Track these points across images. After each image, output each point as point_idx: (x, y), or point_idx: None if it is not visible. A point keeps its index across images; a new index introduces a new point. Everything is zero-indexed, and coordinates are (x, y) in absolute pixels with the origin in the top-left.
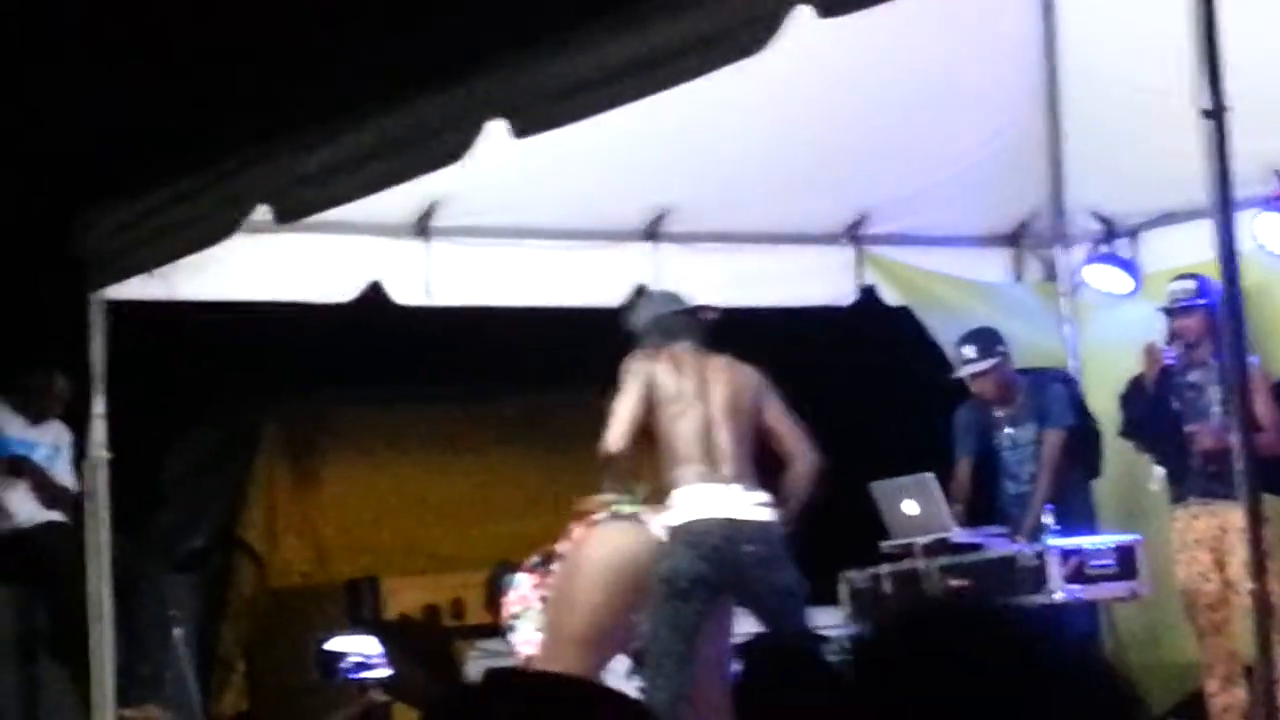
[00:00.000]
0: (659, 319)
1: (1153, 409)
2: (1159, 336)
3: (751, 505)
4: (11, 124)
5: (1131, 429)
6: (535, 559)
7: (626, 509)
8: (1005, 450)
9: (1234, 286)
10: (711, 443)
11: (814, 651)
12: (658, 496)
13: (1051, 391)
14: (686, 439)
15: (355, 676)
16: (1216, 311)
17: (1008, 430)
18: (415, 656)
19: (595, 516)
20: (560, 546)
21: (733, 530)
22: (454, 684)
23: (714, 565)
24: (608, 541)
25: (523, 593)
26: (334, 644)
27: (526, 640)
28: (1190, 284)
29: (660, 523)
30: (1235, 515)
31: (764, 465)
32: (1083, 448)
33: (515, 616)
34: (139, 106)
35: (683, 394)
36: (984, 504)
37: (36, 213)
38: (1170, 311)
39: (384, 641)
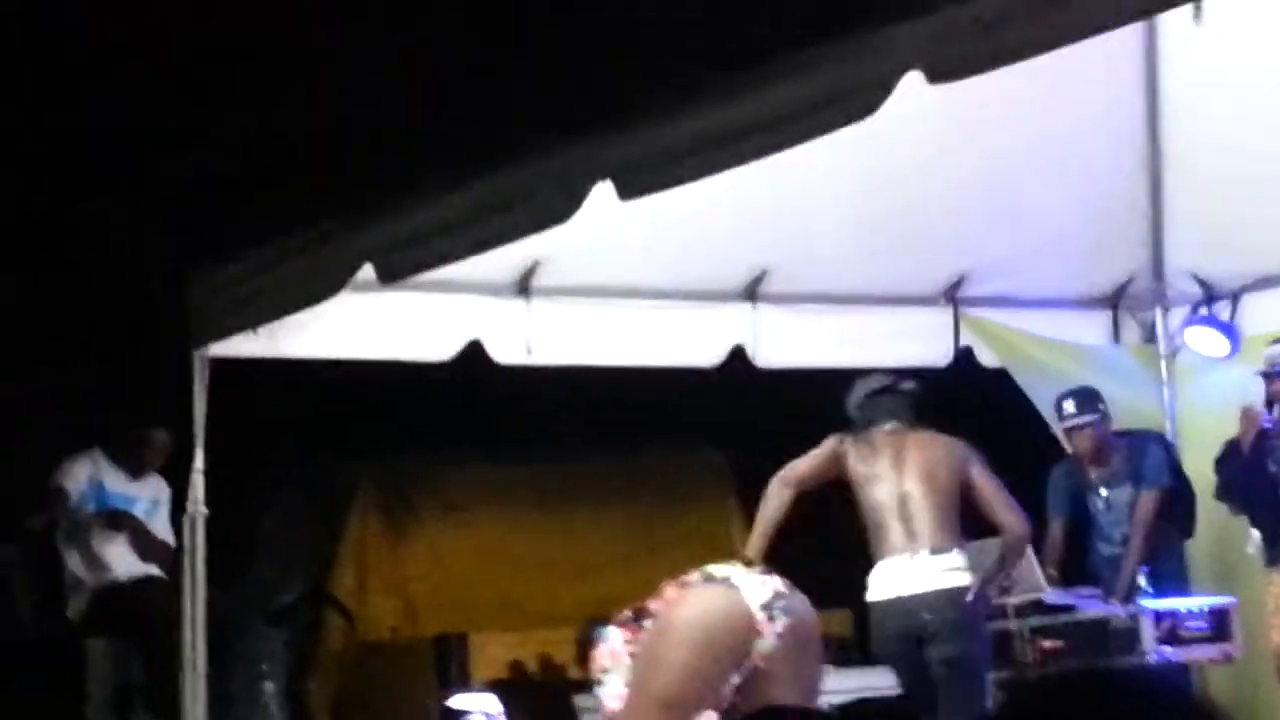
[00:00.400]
0: (858, 402)
1: (1248, 472)
2: (1257, 400)
3: (940, 572)
4: (131, 181)
5: (1226, 492)
6: (627, 614)
7: (720, 572)
8: (1099, 512)
9: None
10: (904, 517)
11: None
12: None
13: (1148, 453)
14: (881, 515)
15: None
16: None
17: (1103, 491)
18: (535, 714)
19: (688, 578)
20: (652, 605)
21: (902, 607)
22: None
23: (896, 644)
24: (699, 602)
25: (614, 647)
26: (456, 701)
27: (615, 695)
28: None
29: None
30: None
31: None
32: (1177, 509)
33: (605, 670)
34: (248, 163)
35: (874, 472)
36: (1076, 565)
37: (148, 267)
38: (1269, 376)
39: (505, 699)
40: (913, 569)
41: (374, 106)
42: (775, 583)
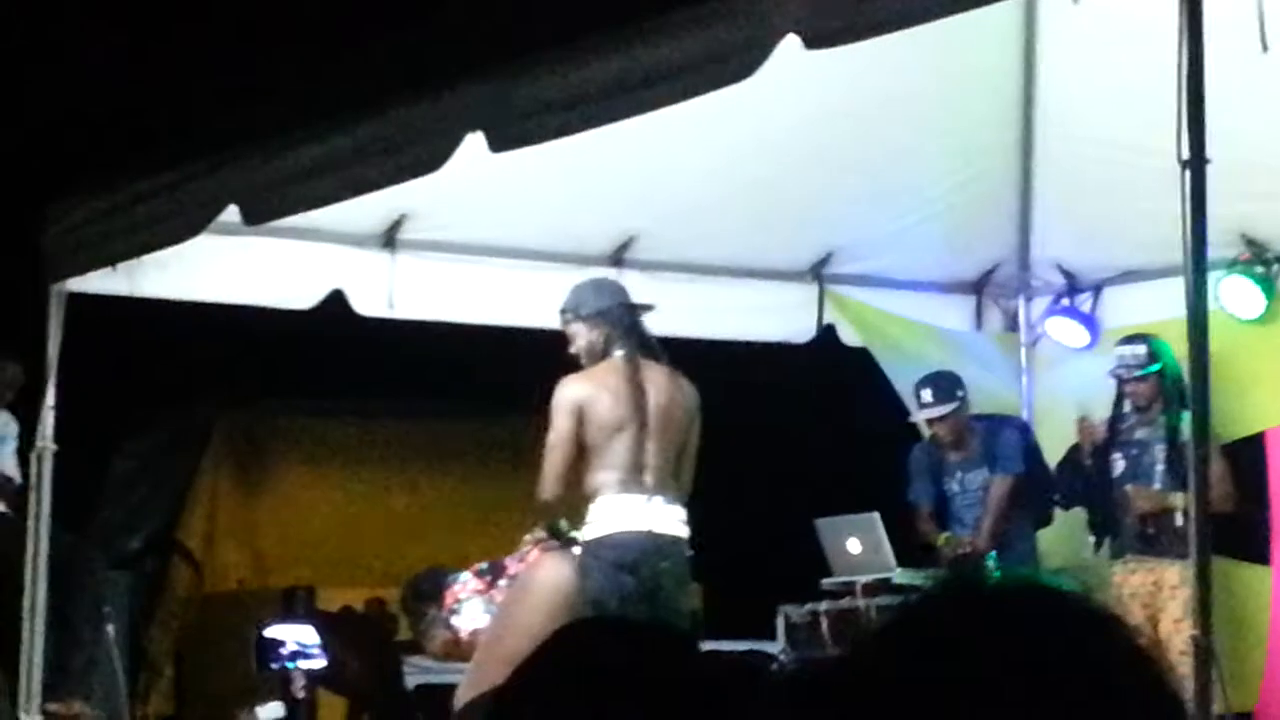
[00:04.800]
0: (608, 312)
1: (1088, 481)
2: (1112, 392)
3: (672, 520)
4: None
5: (1067, 502)
6: (483, 566)
7: (574, 533)
8: (954, 494)
9: (1203, 344)
10: (638, 451)
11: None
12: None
13: (1004, 438)
14: (613, 448)
15: (291, 666)
16: (1168, 373)
17: (958, 474)
18: (355, 647)
19: (551, 543)
20: (513, 566)
21: (651, 544)
22: (393, 677)
23: (635, 584)
24: (560, 569)
25: (470, 587)
26: (273, 631)
27: (472, 619)
28: (1141, 349)
29: (582, 535)
30: (1170, 573)
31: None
32: (1032, 496)
33: (459, 601)
34: (113, 101)
35: (616, 409)
36: (928, 547)
37: (5, 200)
38: (1120, 379)
39: (323, 632)
40: (648, 510)
41: (244, 48)
42: None
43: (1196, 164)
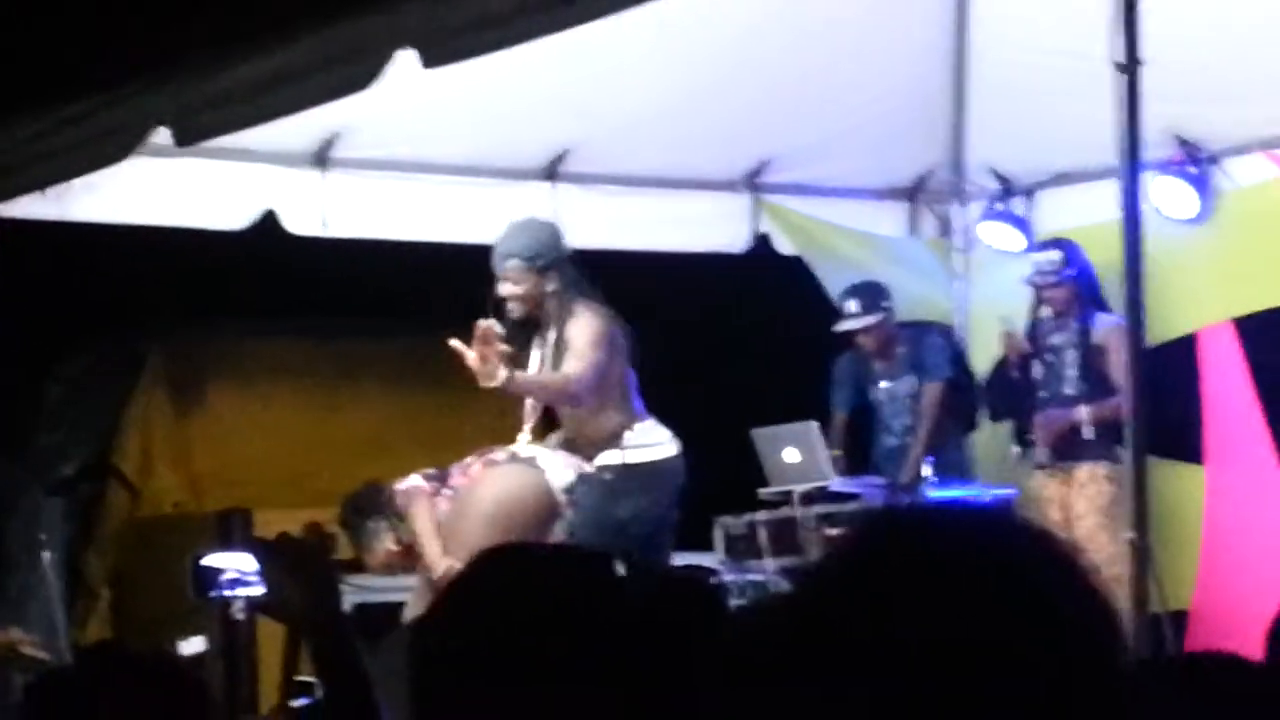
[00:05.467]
0: (570, 260)
1: (1015, 391)
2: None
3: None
4: None
5: (995, 414)
6: (430, 471)
7: (525, 452)
8: (881, 403)
9: (1137, 245)
10: (633, 382)
11: (703, 581)
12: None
13: (929, 344)
14: (623, 379)
15: (229, 594)
16: (1082, 278)
17: (884, 384)
18: (292, 573)
19: (495, 456)
20: (456, 477)
21: (682, 466)
22: (330, 601)
23: (666, 508)
24: (501, 481)
25: (414, 485)
26: (210, 560)
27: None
28: (1056, 254)
29: (610, 458)
30: (1080, 472)
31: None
32: (959, 401)
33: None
34: (39, 24)
35: (627, 341)
36: (859, 456)
37: None
38: (1037, 286)
39: (261, 559)
40: (669, 433)
41: None
42: (577, 466)
43: (1130, 67)
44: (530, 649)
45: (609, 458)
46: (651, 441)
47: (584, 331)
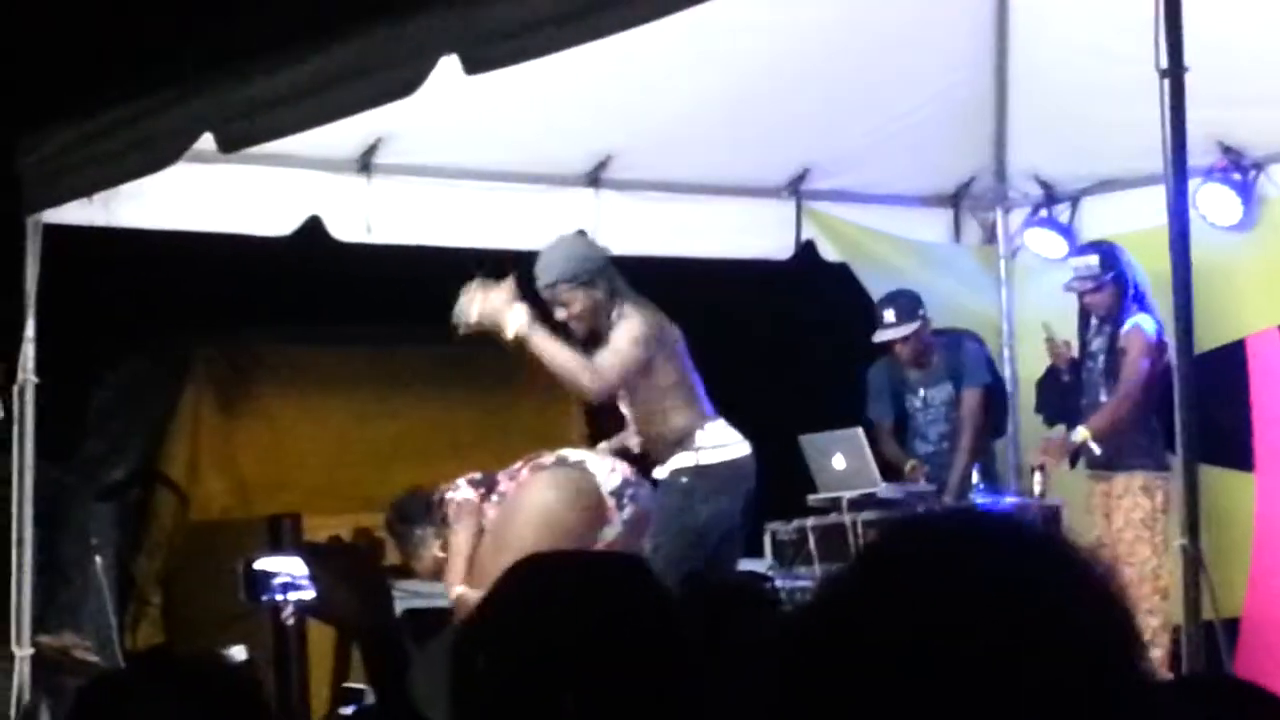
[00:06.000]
0: (604, 268)
1: (1067, 394)
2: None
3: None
4: None
5: (1049, 419)
6: (476, 476)
7: (574, 456)
8: (916, 410)
9: (1185, 252)
10: (699, 383)
11: (759, 589)
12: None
13: (966, 351)
14: (688, 379)
15: (281, 597)
16: (1122, 281)
17: (921, 391)
18: (343, 577)
19: (543, 460)
20: (503, 483)
21: (753, 467)
22: (381, 607)
23: (743, 509)
24: (550, 486)
25: (463, 493)
26: (262, 564)
27: (466, 493)
28: (1094, 259)
29: (683, 461)
30: (1117, 482)
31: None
32: (993, 407)
33: (456, 486)
34: (86, 29)
35: (680, 342)
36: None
37: None
38: (1079, 292)
39: (311, 563)
40: (738, 434)
41: None
42: (625, 470)
43: (1175, 72)
44: (564, 658)
45: (682, 460)
46: (723, 442)
47: (626, 330)
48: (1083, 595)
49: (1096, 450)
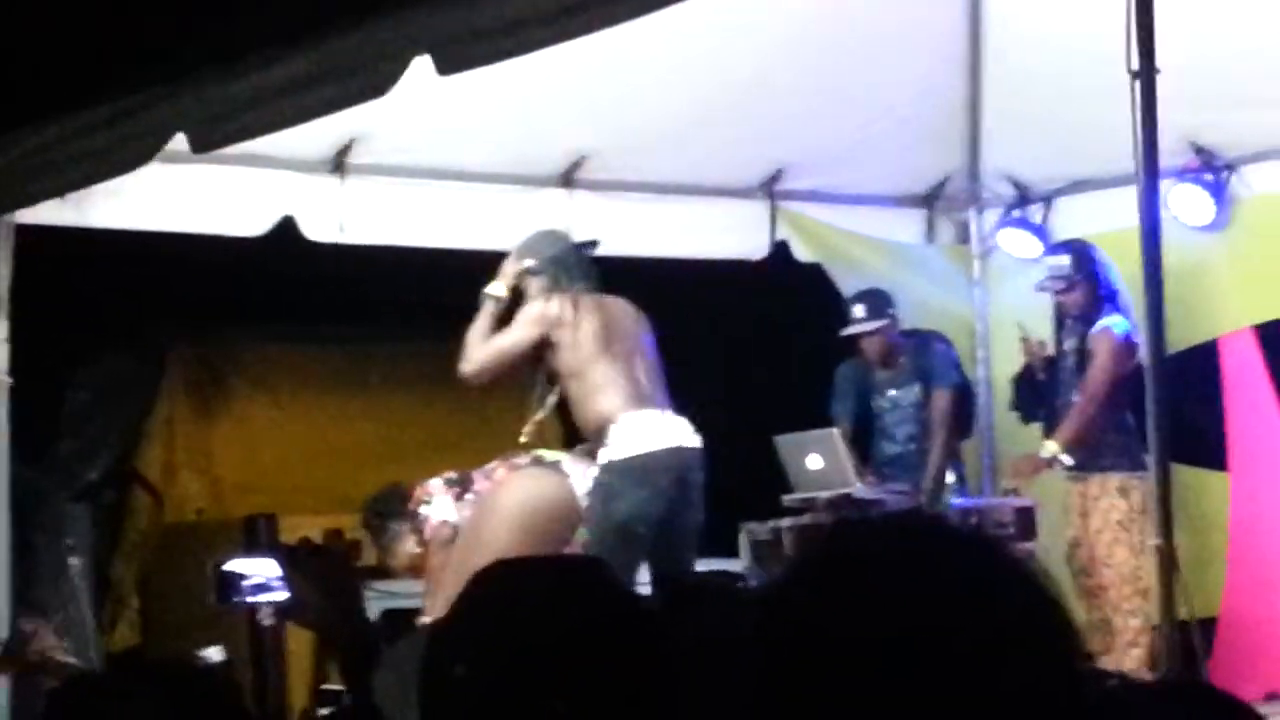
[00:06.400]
0: (557, 258)
1: (1044, 393)
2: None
3: (690, 432)
4: None
5: (1023, 409)
6: (451, 475)
7: (550, 457)
8: (884, 411)
9: (1156, 253)
10: (632, 371)
11: (729, 586)
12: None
13: (934, 352)
14: (608, 370)
15: (253, 599)
16: (1095, 280)
17: (889, 391)
18: (315, 581)
19: (518, 460)
20: (479, 482)
21: (682, 459)
22: (353, 609)
23: (668, 503)
24: (525, 487)
25: (436, 491)
26: (233, 565)
27: (442, 511)
28: (1065, 259)
29: (602, 457)
30: (1092, 484)
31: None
32: (961, 408)
33: (430, 495)
34: (52, 33)
35: (603, 333)
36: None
37: None
38: (1049, 290)
39: (284, 565)
40: (670, 424)
41: None
42: (596, 470)
43: (1146, 73)
44: (544, 663)
45: (601, 456)
46: (639, 435)
47: (523, 314)
48: (1010, 592)
49: (1068, 461)
